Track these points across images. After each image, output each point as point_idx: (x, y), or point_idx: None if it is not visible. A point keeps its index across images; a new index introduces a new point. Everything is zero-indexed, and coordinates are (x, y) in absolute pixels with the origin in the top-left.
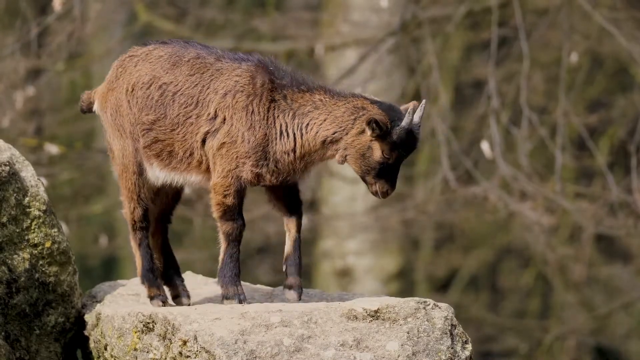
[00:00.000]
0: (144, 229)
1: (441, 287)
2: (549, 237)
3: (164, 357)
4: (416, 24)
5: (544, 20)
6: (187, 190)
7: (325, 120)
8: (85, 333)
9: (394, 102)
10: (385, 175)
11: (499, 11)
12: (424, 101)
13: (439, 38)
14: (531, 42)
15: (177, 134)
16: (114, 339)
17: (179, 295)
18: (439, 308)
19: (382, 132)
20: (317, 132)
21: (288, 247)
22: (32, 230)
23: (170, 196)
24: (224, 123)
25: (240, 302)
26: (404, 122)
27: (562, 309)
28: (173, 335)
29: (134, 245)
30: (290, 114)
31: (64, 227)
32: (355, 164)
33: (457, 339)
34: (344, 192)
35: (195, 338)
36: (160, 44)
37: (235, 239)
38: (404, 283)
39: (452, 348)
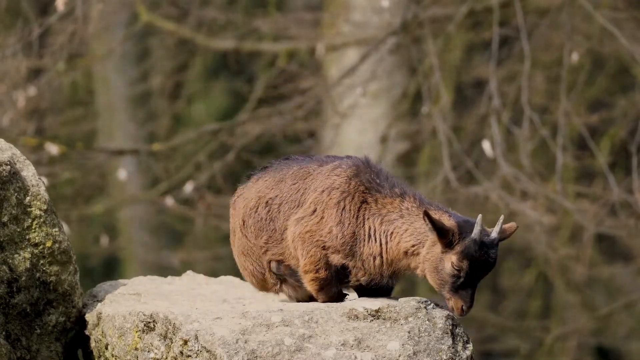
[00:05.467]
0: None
1: None
2: (550, 237)
3: (164, 356)
4: (417, 24)
5: (545, 20)
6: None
7: (406, 230)
8: (86, 332)
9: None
10: (459, 290)
11: (500, 11)
12: (501, 217)
13: (440, 38)
14: (532, 42)
15: (284, 240)
16: (114, 338)
17: None
18: (440, 308)
19: (444, 237)
20: (399, 242)
21: None
22: (33, 230)
23: None
24: (314, 214)
25: None
26: (473, 233)
27: (563, 309)
28: (174, 334)
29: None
30: (379, 220)
31: (65, 226)
32: (430, 278)
33: (458, 338)
34: None
35: (196, 337)
36: (261, 170)
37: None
38: (404, 283)
39: (453, 348)
